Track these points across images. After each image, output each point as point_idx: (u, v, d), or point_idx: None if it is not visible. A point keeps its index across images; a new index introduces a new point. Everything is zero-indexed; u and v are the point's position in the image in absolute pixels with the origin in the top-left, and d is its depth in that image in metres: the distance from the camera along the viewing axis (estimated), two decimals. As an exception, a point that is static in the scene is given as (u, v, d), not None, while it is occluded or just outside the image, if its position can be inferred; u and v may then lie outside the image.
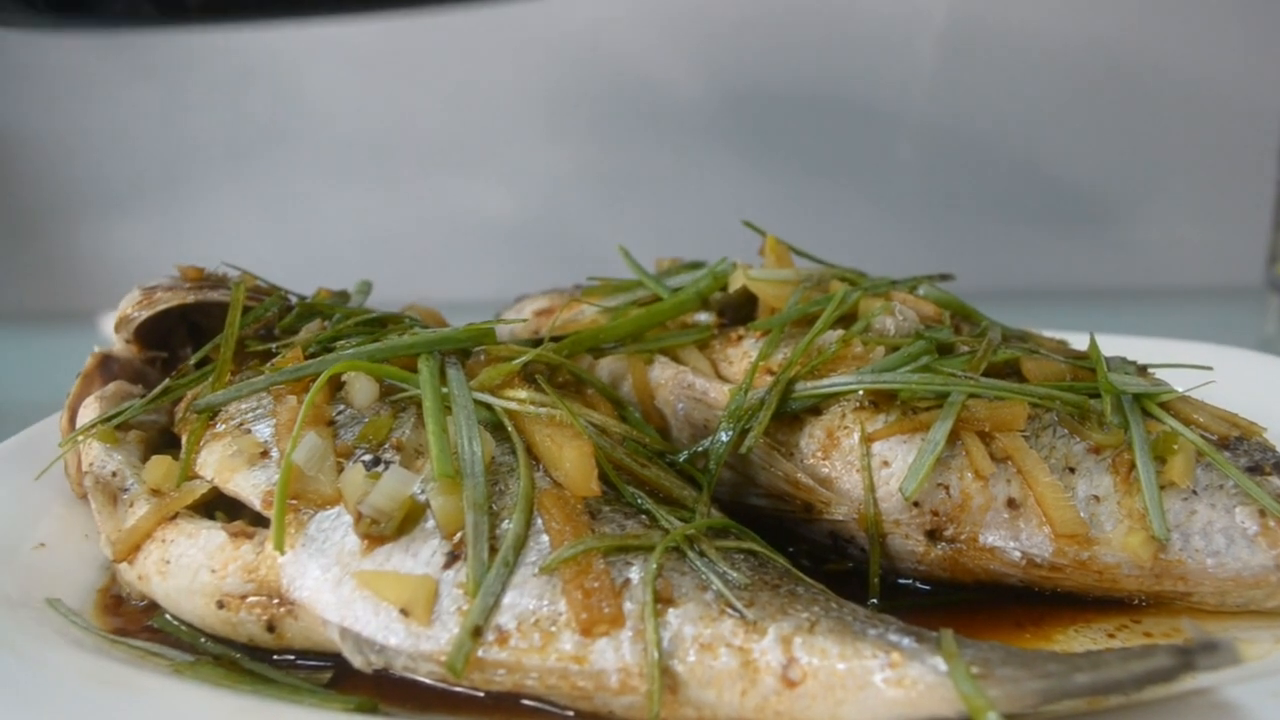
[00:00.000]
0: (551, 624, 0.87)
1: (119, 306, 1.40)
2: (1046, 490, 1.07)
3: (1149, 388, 1.15)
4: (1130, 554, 1.05)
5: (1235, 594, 1.05)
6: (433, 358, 1.09)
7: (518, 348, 1.17)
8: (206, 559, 1.01)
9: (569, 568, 0.89)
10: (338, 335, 1.21)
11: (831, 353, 1.19)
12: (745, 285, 1.35)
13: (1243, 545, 1.04)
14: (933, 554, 1.11)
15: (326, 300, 1.39)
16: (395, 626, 0.90)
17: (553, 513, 0.94)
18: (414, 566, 0.92)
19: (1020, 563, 1.08)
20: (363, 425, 1.05)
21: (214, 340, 1.27)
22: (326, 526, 0.97)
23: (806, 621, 0.86)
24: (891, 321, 1.24)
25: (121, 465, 1.15)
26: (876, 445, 1.13)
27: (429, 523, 0.95)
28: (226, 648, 1.02)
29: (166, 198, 2.75)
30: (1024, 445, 1.09)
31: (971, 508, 1.09)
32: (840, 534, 1.16)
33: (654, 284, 1.41)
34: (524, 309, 1.60)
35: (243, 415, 1.12)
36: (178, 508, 1.07)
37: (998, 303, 1.48)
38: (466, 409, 1.02)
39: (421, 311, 1.43)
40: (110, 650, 1.01)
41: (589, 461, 0.98)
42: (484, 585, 0.89)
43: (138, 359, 1.40)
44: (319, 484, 0.99)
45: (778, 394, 1.15)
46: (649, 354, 1.33)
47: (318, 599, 0.94)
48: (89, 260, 2.79)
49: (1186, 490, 1.07)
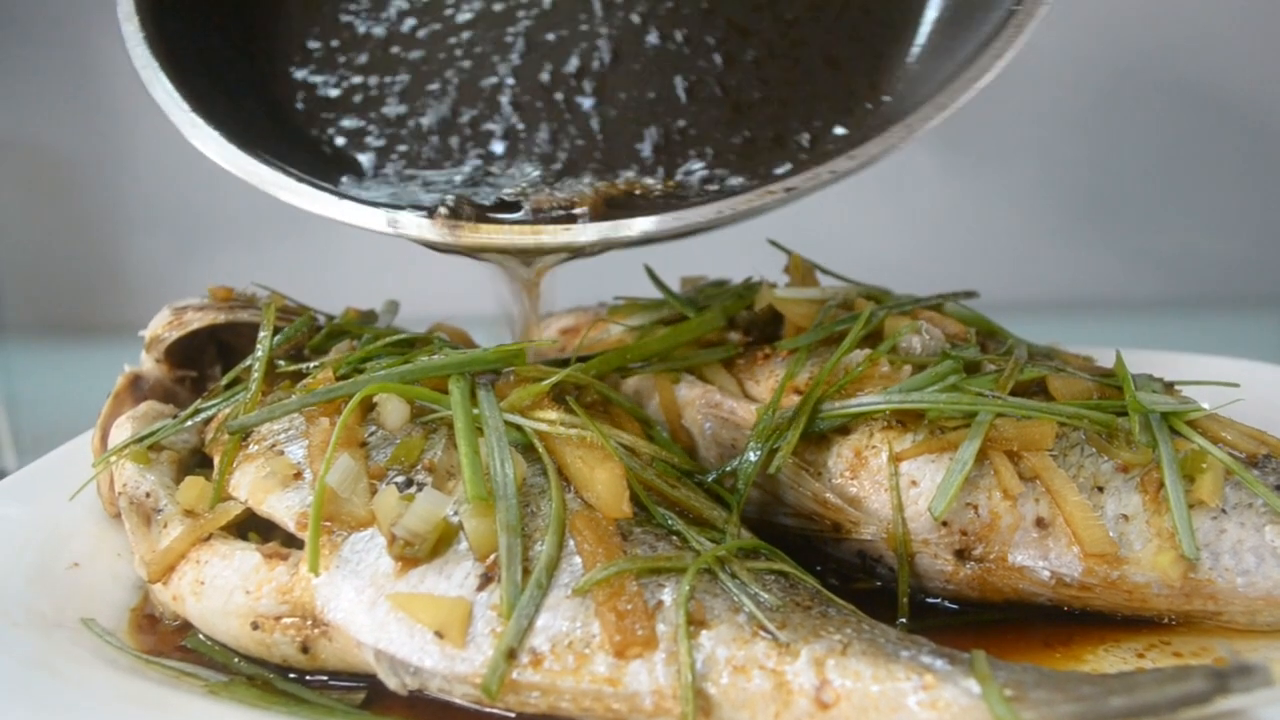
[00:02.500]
0: (585, 646, 0.88)
1: (149, 326, 1.42)
2: (1075, 509, 1.07)
3: (1176, 406, 1.15)
4: (1160, 573, 1.05)
5: (1266, 613, 1.05)
6: (464, 379, 1.10)
7: (547, 369, 1.18)
8: (241, 580, 1.02)
9: (602, 589, 0.90)
10: (368, 356, 1.22)
11: (858, 372, 1.19)
12: (771, 304, 1.35)
13: (1273, 564, 1.04)
14: (961, 573, 1.11)
15: (355, 320, 1.40)
16: (430, 648, 0.91)
17: (585, 534, 0.94)
18: (448, 588, 0.93)
19: (1050, 582, 1.08)
20: (395, 447, 1.06)
21: (244, 362, 1.28)
22: (360, 548, 0.98)
23: (839, 643, 0.86)
24: (918, 340, 1.24)
25: (155, 486, 1.16)
26: (904, 465, 1.13)
27: (462, 544, 0.95)
28: (260, 668, 1.03)
29: (191, 210, 2.76)
30: (1052, 464, 1.09)
31: (1000, 527, 1.09)
32: (869, 553, 1.16)
33: (680, 303, 1.42)
34: (549, 327, 1.60)
35: (275, 436, 1.13)
36: (212, 529, 1.08)
37: (1021, 315, 1.49)
38: (498, 430, 1.02)
39: (449, 331, 1.44)
40: (145, 670, 1.02)
41: (620, 483, 0.99)
42: (518, 607, 0.89)
43: (168, 378, 1.42)
44: (352, 506, 1.00)
45: (805, 414, 1.16)
46: (675, 373, 1.34)
47: (352, 621, 0.95)
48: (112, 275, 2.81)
49: (1215, 509, 1.07)
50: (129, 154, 2.69)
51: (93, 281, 2.81)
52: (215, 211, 2.75)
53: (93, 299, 2.81)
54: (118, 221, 2.77)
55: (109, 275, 2.80)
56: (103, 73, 2.60)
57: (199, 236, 2.77)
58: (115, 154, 2.69)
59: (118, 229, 2.77)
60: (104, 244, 2.78)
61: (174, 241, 2.76)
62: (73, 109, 2.67)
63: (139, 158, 2.69)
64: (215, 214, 2.75)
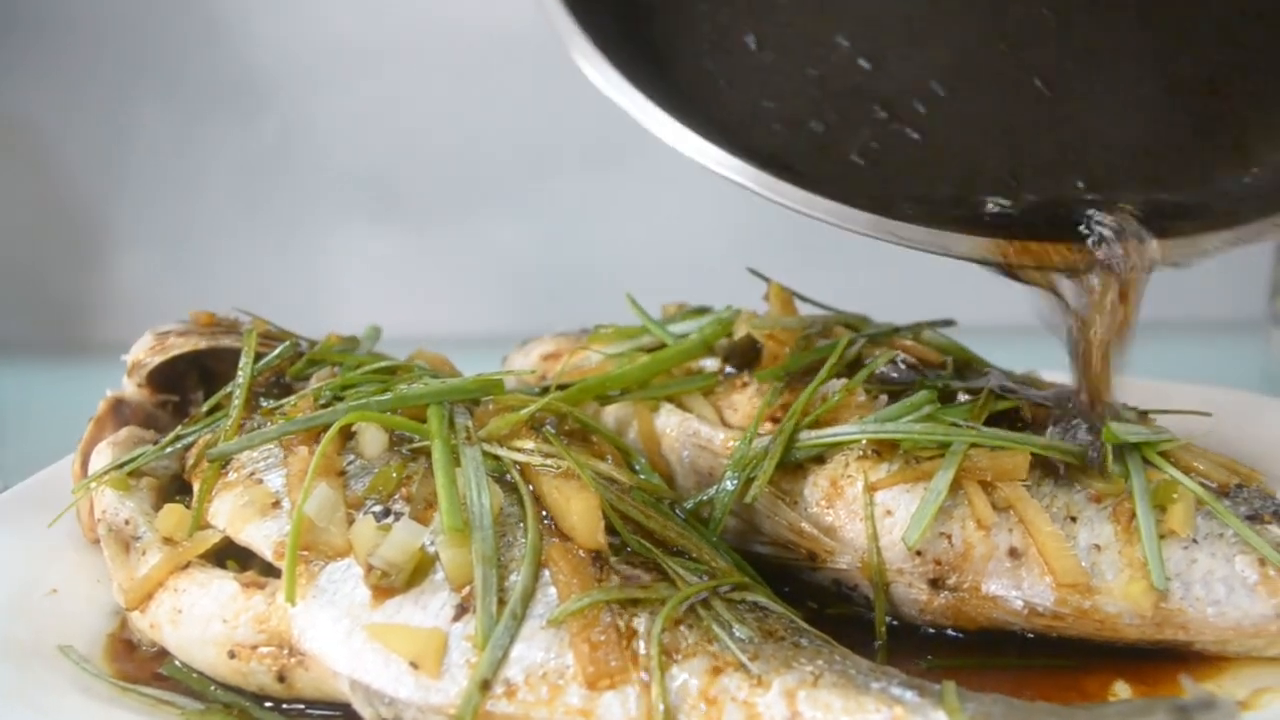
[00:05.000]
0: (559, 677, 0.88)
1: (131, 351, 1.42)
2: (1048, 540, 1.08)
3: (1149, 436, 1.16)
4: (1131, 603, 1.06)
5: (1236, 643, 1.06)
6: (442, 408, 1.10)
7: (525, 397, 1.18)
8: (218, 609, 1.02)
9: (576, 621, 0.90)
10: (348, 384, 1.22)
11: (834, 402, 1.20)
12: (749, 332, 1.36)
13: (1243, 594, 1.05)
14: (935, 602, 1.12)
15: (337, 346, 1.40)
16: (405, 679, 0.91)
17: (560, 565, 0.95)
18: (423, 619, 0.94)
19: (1023, 611, 1.09)
20: (373, 476, 1.06)
21: (225, 389, 1.28)
22: (337, 578, 0.98)
23: (811, 675, 0.87)
24: (894, 370, 1.25)
25: (134, 513, 1.16)
26: (880, 494, 1.14)
27: (438, 574, 0.96)
28: (237, 696, 1.03)
29: (174, 230, 2.77)
30: (1025, 495, 1.11)
31: (974, 557, 1.10)
32: (844, 582, 1.17)
33: (660, 331, 1.43)
34: (530, 352, 1.61)
35: (254, 465, 1.13)
36: (190, 557, 1.08)
37: (998, 339, 1.50)
38: (475, 461, 1.03)
39: (429, 358, 1.44)
40: (122, 699, 1.02)
41: (595, 514, 0.99)
42: (492, 638, 0.90)
43: (150, 403, 1.42)
44: (330, 535, 1.00)
45: (782, 444, 1.17)
46: (655, 401, 1.34)
47: (328, 650, 0.96)
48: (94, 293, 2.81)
49: (1187, 539, 1.08)
50: (115, 169, 2.70)
51: (76, 299, 2.81)
52: (199, 229, 2.76)
53: (76, 317, 2.81)
54: (101, 238, 2.77)
55: (91, 293, 2.80)
56: (93, 82, 2.62)
57: (183, 254, 2.77)
58: (100, 169, 2.69)
59: (101, 246, 2.77)
60: (87, 261, 2.78)
61: (157, 259, 2.76)
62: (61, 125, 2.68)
63: (127, 172, 2.70)
64: (199, 231, 2.76)
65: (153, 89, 2.64)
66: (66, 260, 2.79)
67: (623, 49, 1.16)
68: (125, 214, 2.75)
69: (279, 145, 2.69)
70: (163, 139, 2.68)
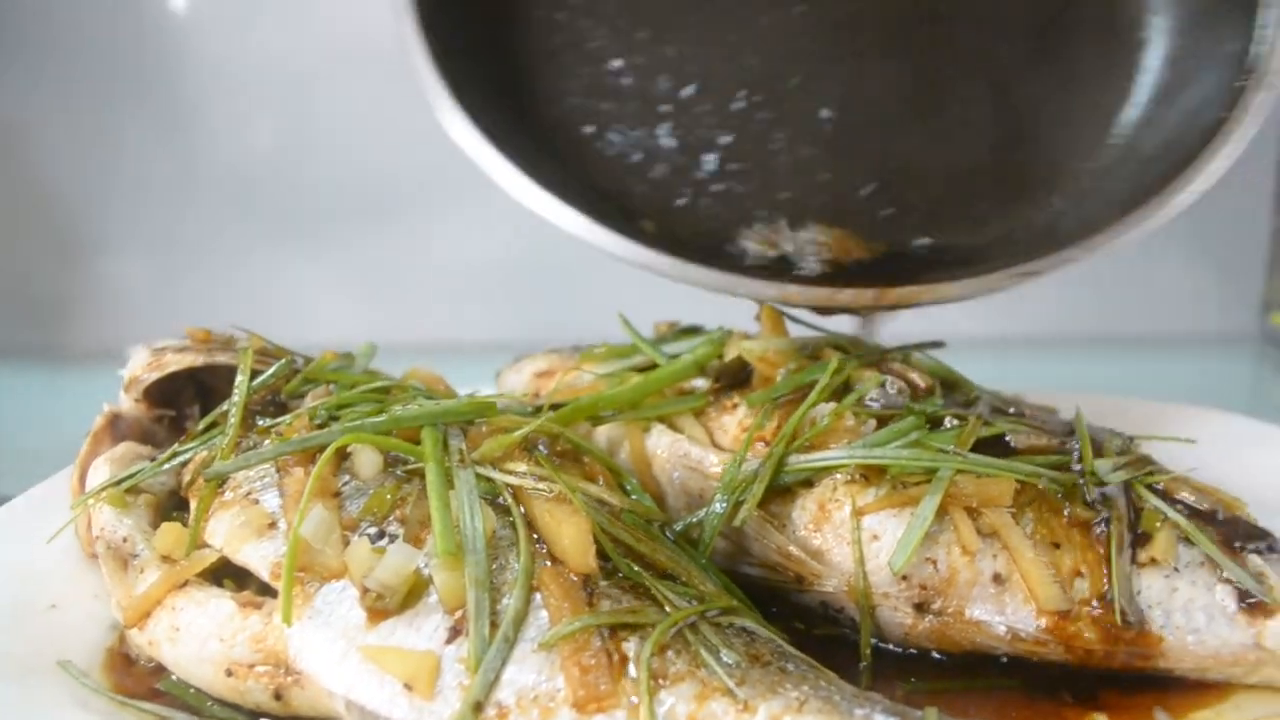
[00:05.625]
0: (550, 700, 0.90)
1: (128, 367, 1.44)
2: (1031, 566, 1.10)
3: (1131, 474, 1.18)
4: (1100, 632, 1.08)
5: (1215, 671, 1.08)
6: (437, 429, 1.12)
7: (518, 418, 1.20)
8: (215, 628, 1.04)
9: (566, 644, 0.92)
10: (343, 404, 1.24)
11: (823, 426, 1.22)
12: (740, 354, 1.38)
13: (1222, 622, 1.07)
14: (920, 626, 1.14)
15: (331, 364, 1.42)
16: (399, 700, 0.93)
17: (551, 589, 0.97)
18: (417, 641, 0.95)
19: (1006, 636, 1.11)
20: (368, 498, 1.08)
21: (221, 406, 1.30)
22: (333, 599, 1.00)
23: (796, 701, 0.89)
24: (882, 394, 1.27)
25: (132, 530, 1.18)
26: (866, 519, 1.16)
27: (432, 597, 0.98)
28: (234, 713, 1.05)
29: (160, 234, 2.77)
30: (1010, 521, 1.12)
31: (958, 582, 1.12)
32: (831, 604, 1.19)
33: (653, 351, 1.45)
34: (523, 370, 1.63)
35: (250, 484, 1.15)
36: (187, 576, 1.10)
37: (987, 353, 1.52)
38: (469, 484, 1.05)
39: (423, 377, 1.46)
40: (119, 713, 1.04)
41: (586, 538, 1.01)
42: (484, 661, 0.91)
43: (146, 418, 1.44)
44: (325, 557, 1.02)
45: (771, 467, 1.19)
46: (646, 421, 1.36)
47: (324, 670, 0.97)
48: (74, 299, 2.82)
49: (1168, 567, 1.10)
50: (100, 174, 2.70)
51: (60, 303, 2.81)
52: (185, 233, 2.77)
53: (60, 321, 2.82)
54: (86, 243, 2.77)
55: (75, 298, 2.80)
56: (78, 87, 2.63)
57: (168, 259, 2.78)
58: (85, 173, 2.70)
59: (85, 250, 2.78)
60: (70, 265, 2.78)
61: (143, 264, 2.77)
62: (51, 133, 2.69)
63: (112, 177, 2.70)
64: (185, 236, 2.77)
65: (138, 93, 2.65)
66: (51, 264, 2.79)
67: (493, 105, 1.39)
68: (110, 218, 2.75)
69: (267, 151, 2.70)
70: (149, 143, 2.68)
